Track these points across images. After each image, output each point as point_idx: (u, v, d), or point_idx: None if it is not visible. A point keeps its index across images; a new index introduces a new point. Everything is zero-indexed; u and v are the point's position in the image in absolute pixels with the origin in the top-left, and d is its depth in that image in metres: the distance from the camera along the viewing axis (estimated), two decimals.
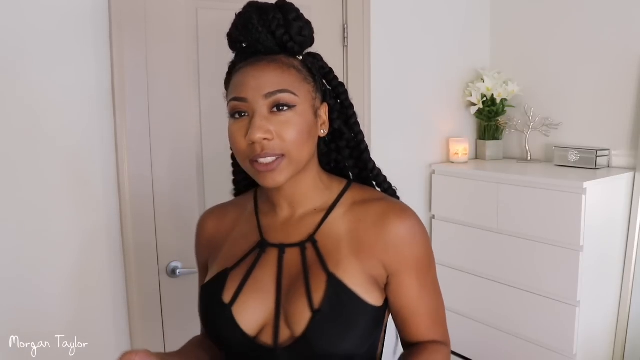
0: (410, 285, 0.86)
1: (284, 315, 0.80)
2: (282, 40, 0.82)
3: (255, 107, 0.78)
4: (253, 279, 0.83)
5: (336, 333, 0.78)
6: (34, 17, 1.34)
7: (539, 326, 1.82)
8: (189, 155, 1.63)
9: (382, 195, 0.91)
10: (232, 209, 0.94)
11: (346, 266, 0.81)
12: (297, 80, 0.81)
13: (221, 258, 0.89)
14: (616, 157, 1.95)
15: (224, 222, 0.92)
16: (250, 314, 0.80)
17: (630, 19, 1.86)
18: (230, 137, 0.81)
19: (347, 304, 0.79)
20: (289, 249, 0.84)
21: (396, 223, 0.83)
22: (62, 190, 1.43)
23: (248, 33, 0.81)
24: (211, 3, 1.61)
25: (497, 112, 2.19)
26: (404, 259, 0.84)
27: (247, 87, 0.78)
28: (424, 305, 0.88)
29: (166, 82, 1.56)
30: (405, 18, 2.05)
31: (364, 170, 0.94)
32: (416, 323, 0.88)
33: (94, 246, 1.49)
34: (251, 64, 0.81)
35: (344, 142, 0.91)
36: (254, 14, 0.81)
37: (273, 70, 0.79)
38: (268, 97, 0.78)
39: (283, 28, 0.81)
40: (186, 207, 1.61)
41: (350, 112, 0.91)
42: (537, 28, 2.16)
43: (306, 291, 0.79)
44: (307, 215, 0.86)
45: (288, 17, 0.81)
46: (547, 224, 1.77)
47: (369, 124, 1.95)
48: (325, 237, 0.84)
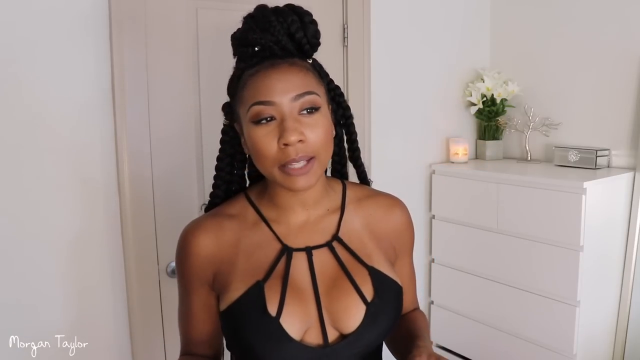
0: (408, 264, 0.99)
1: (328, 315, 0.81)
2: (300, 43, 0.82)
3: (284, 110, 0.76)
4: (292, 287, 0.81)
5: (386, 321, 0.84)
6: (34, 17, 1.34)
7: (539, 326, 1.82)
8: (189, 155, 1.63)
9: (373, 190, 0.99)
10: (226, 221, 0.87)
11: (376, 257, 0.88)
12: (316, 82, 0.82)
13: (242, 272, 0.84)
14: (616, 157, 1.95)
15: (225, 236, 0.86)
16: (298, 321, 0.80)
17: (630, 19, 1.86)
18: (256, 144, 0.77)
19: (392, 291, 0.86)
20: (316, 251, 0.85)
21: (400, 212, 0.95)
22: (62, 190, 1.43)
23: (267, 35, 0.79)
24: (211, 3, 1.61)
25: (497, 112, 2.19)
26: (405, 242, 0.97)
27: (274, 90, 0.76)
28: (412, 280, 1.02)
29: (166, 82, 1.56)
30: (405, 18, 2.05)
31: (345, 166, 0.98)
32: (407, 297, 0.97)
33: (94, 246, 1.49)
34: (272, 67, 0.79)
35: (336, 140, 0.92)
36: (271, 15, 0.80)
37: (297, 72, 0.79)
38: (297, 99, 0.77)
39: (302, 30, 0.81)
40: (186, 208, 1.61)
41: (348, 113, 0.93)
42: (537, 28, 2.16)
43: (354, 287, 0.82)
44: (323, 217, 0.88)
45: (304, 19, 0.82)
46: (547, 224, 1.77)
47: (369, 124, 1.95)
48: (347, 234, 0.88)
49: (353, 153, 0.95)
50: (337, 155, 0.94)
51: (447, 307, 2.17)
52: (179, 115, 1.60)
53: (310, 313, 0.81)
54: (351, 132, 0.94)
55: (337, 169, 0.97)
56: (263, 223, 0.87)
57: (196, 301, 0.90)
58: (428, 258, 2.23)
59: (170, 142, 1.58)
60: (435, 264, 2.19)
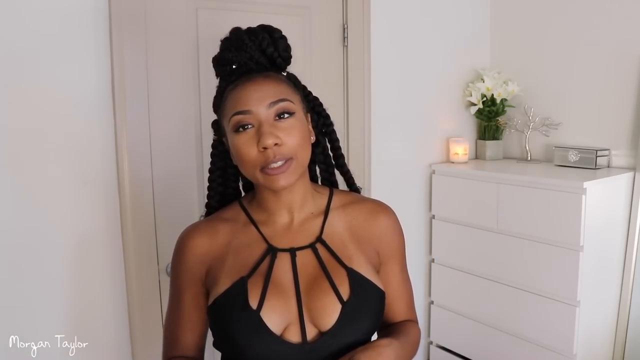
0: (395, 270, 0.99)
1: (307, 313, 0.86)
2: (272, 57, 0.90)
3: (260, 117, 0.84)
4: (274, 284, 0.87)
5: (363, 321, 0.87)
6: (34, 17, 1.34)
7: (539, 326, 1.82)
8: (189, 155, 1.63)
9: (362, 196, 1.03)
10: (220, 224, 0.95)
11: (357, 259, 0.91)
12: (290, 90, 0.89)
13: (229, 269, 0.90)
14: (616, 157, 1.95)
15: (218, 238, 0.93)
16: (278, 316, 0.84)
17: (630, 19, 1.86)
18: (238, 150, 0.85)
19: (369, 293, 0.89)
20: (299, 252, 0.90)
21: (385, 217, 0.98)
22: (63, 190, 1.43)
23: (241, 52, 0.88)
24: (211, 3, 1.61)
25: (497, 112, 2.19)
26: (391, 248, 0.98)
27: (250, 100, 0.84)
28: (404, 289, 1.02)
29: (166, 82, 1.56)
30: (405, 18, 2.05)
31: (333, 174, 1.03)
32: (398, 305, 1.00)
33: (94, 246, 1.49)
34: (248, 80, 0.86)
35: (320, 149, 0.99)
36: (244, 35, 0.89)
37: (270, 82, 0.87)
38: (271, 106, 0.84)
39: (272, 46, 0.89)
40: (186, 208, 1.61)
41: (328, 121, 1.00)
42: (537, 28, 2.16)
43: (332, 286, 0.86)
44: (307, 220, 0.94)
45: (274, 35, 0.90)
46: (547, 224, 1.77)
47: (369, 124, 1.95)
48: (330, 237, 0.93)
49: (337, 160, 1.02)
50: (323, 163, 1.01)
51: (447, 307, 2.17)
52: (179, 115, 1.60)
53: (291, 309, 0.85)
54: (333, 139, 1.00)
55: (325, 177, 1.03)
56: (252, 225, 0.94)
57: (188, 300, 0.94)
58: (428, 258, 2.23)
59: (170, 142, 1.58)
60: (435, 264, 2.19)
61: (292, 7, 1.76)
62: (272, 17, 1.72)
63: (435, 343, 2.25)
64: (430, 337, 2.27)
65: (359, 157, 1.94)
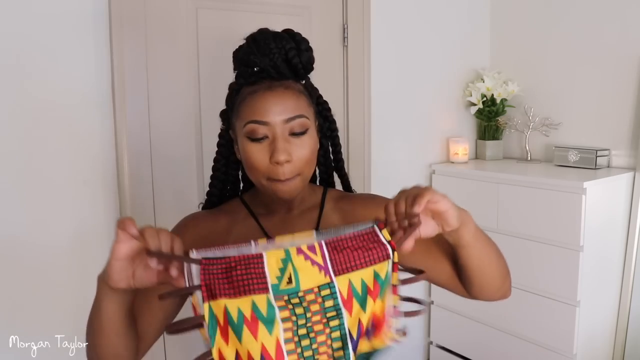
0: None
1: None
2: (295, 68, 0.90)
3: (276, 130, 0.85)
4: None
5: None
6: (34, 17, 1.34)
7: (539, 326, 1.82)
8: (189, 154, 1.63)
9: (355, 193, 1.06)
10: (221, 214, 0.97)
11: None
12: (307, 105, 0.90)
13: None
14: (616, 157, 1.95)
15: (218, 225, 0.95)
16: None
17: (630, 20, 1.86)
18: (249, 158, 0.86)
19: None
20: None
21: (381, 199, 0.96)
22: (62, 190, 1.43)
23: (265, 58, 0.87)
24: (211, 3, 1.61)
25: (497, 112, 2.19)
26: None
27: (269, 112, 0.84)
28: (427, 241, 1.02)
29: (166, 82, 1.56)
30: (405, 18, 2.05)
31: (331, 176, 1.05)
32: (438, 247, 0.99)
33: (94, 246, 1.49)
34: (269, 89, 0.86)
35: (322, 151, 1.00)
36: (270, 40, 0.88)
37: (290, 97, 0.87)
38: (288, 122, 0.85)
39: (297, 57, 0.89)
40: (186, 207, 1.61)
41: (334, 126, 1.01)
42: (537, 28, 2.16)
43: None
44: (304, 213, 0.96)
45: (301, 47, 0.90)
46: (547, 224, 1.77)
47: (369, 124, 1.95)
48: (326, 227, 0.93)
49: (337, 164, 1.04)
50: (322, 165, 1.02)
51: (447, 307, 2.16)
52: (179, 114, 1.60)
53: None
54: (336, 144, 1.02)
55: (323, 178, 1.04)
56: (252, 218, 0.96)
57: None
58: None
59: (170, 141, 1.58)
60: None
61: (292, 7, 1.76)
62: (272, 17, 1.74)
63: (435, 343, 2.25)
64: (430, 337, 2.27)
65: (359, 157, 1.94)
